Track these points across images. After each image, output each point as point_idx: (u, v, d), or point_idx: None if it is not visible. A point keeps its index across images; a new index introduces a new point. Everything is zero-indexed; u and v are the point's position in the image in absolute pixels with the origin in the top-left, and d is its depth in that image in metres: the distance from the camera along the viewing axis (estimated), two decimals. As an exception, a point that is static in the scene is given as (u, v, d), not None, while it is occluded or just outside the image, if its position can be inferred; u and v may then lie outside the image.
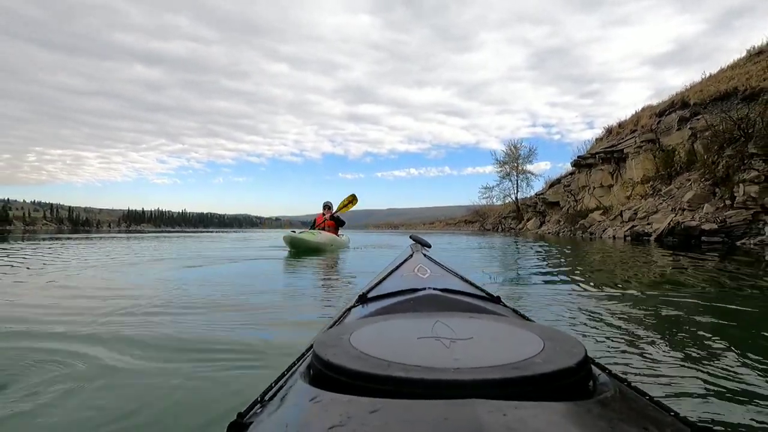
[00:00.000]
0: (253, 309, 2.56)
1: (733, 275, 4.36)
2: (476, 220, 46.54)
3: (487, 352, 0.58)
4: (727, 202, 10.98)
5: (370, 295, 1.09)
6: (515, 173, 39.67)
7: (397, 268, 1.45)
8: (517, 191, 39.24)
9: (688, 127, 14.85)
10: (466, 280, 1.29)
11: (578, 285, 3.58)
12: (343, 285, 3.71)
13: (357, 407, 0.43)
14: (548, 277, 4.21)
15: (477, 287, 1.20)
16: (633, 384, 0.57)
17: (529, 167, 39.76)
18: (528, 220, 33.10)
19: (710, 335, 1.85)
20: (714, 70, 18.25)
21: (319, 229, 8.26)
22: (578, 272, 4.76)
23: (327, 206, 8.68)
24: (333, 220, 8.56)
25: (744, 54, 17.91)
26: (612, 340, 1.80)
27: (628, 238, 13.30)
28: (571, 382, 0.50)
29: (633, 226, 13.80)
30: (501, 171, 40.38)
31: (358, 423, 0.40)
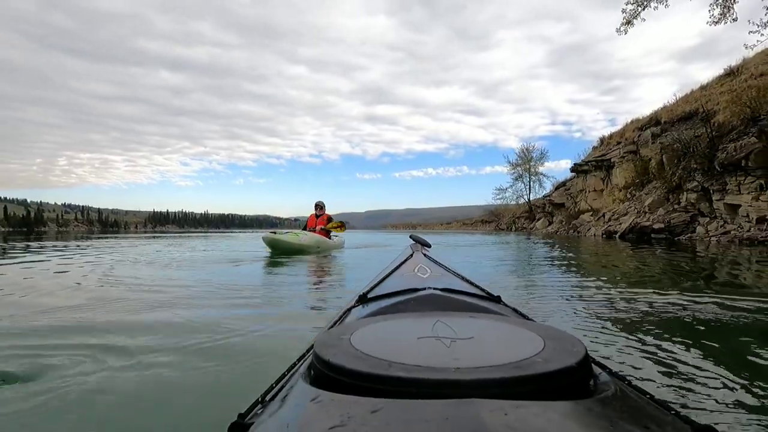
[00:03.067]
0: (253, 309, 2.60)
1: (696, 265, 5.57)
2: (492, 220, 47.83)
3: (488, 352, 0.58)
4: (676, 206, 13.75)
5: (370, 295, 1.10)
6: (528, 175, 42.00)
7: (397, 268, 1.48)
8: (530, 192, 41.41)
9: (659, 142, 17.53)
10: (467, 280, 1.30)
11: (573, 279, 4.05)
12: (342, 285, 3.76)
13: (358, 407, 0.43)
14: (543, 267, 5.06)
15: (477, 287, 1.22)
16: (633, 383, 0.58)
17: (549, 165, 42.01)
18: (537, 220, 35.42)
19: (704, 332, 1.87)
20: (696, 86, 20.77)
21: (310, 230, 7.93)
22: (570, 265, 5.70)
23: (319, 206, 8.27)
24: (323, 230, 8.11)
25: (721, 72, 20.38)
26: (611, 339, 1.81)
27: (604, 236, 16.12)
28: (571, 381, 0.51)
29: (608, 226, 16.63)
30: (514, 173, 42.68)
31: (358, 423, 0.40)
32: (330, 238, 8.02)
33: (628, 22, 11.17)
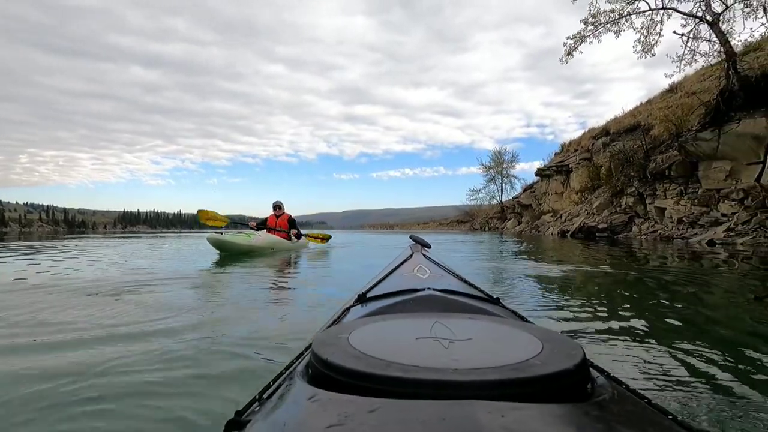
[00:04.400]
0: (250, 307, 2.61)
1: (660, 264, 5.80)
2: (467, 220, 48.79)
3: (486, 354, 0.58)
4: (617, 208, 15.75)
5: (369, 295, 1.11)
6: (500, 177, 43.85)
7: (397, 268, 1.49)
8: (502, 193, 43.24)
9: (607, 151, 19.63)
10: (466, 281, 1.32)
11: (561, 277, 4.16)
12: (340, 284, 3.74)
13: (355, 407, 0.44)
14: (521, 261, 5.62)
15: (476, 288, 1.22)
16: (631, 387, 0.58)
17: (523, 166, 43.24)
18: (508, 220, 37.34)
19: (706, 337, 1.89)
20: (642, 101, 23.06)
21: (269, 229, 7.88)
22: (537, 260, 6.15)
23: (277, 206, 8.24)
24: (290, 225, 8.16)
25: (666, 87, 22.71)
26: (609, 341, 1.81)
27: (559, 235, 18.06)
28: (569, 384, 0.51)
29: (564, 226, 18.61)
30: (487, 174, 44.51)
31: (356, 422, 0.41)
32: (289, 239, 7.95)
33: (569, 54, 13.03)
